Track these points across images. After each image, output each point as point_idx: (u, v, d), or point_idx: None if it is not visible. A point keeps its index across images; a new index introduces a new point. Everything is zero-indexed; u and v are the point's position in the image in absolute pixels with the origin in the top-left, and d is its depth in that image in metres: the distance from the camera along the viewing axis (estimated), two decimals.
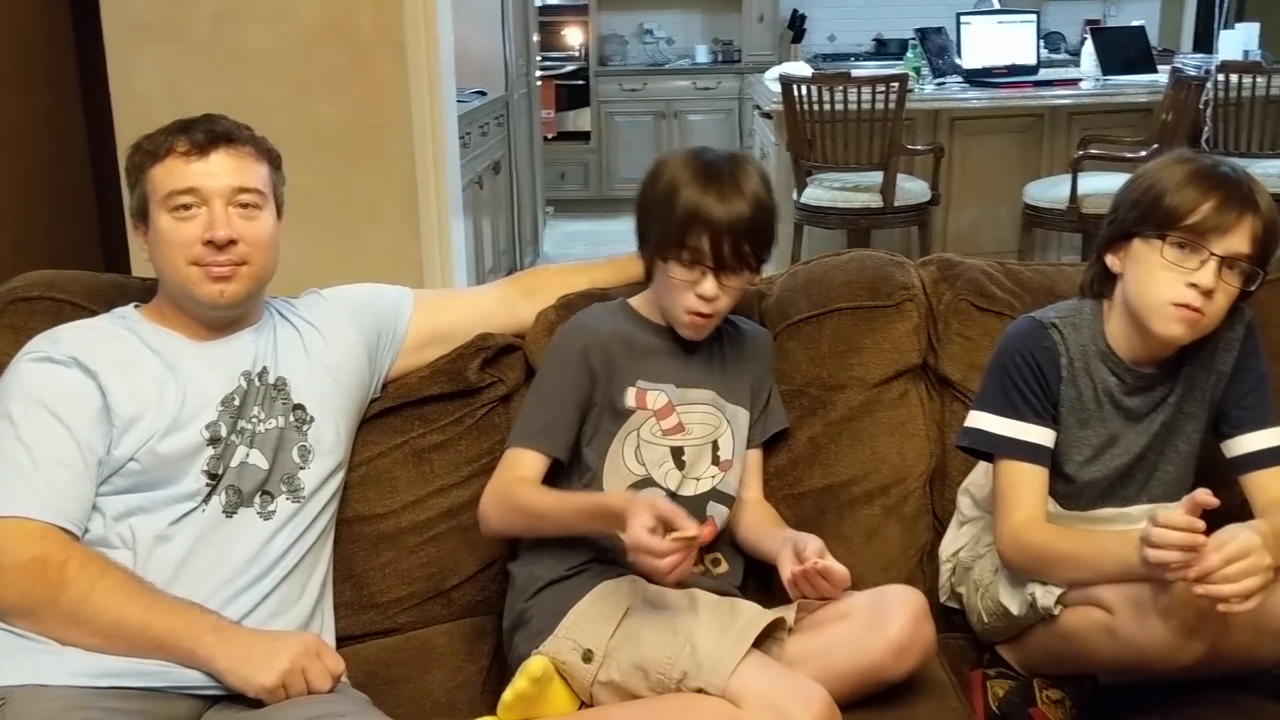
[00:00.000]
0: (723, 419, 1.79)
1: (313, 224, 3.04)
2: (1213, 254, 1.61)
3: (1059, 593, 1.59)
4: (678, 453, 1.75)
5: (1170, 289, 1.62)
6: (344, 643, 1.78)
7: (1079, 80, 5.53)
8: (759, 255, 1.71)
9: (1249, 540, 1.41)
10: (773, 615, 1.59)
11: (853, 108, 4.57)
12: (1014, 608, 1.67)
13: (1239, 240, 1.61)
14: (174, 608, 1.50)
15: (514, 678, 1.54)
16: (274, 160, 1.73)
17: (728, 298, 1.72)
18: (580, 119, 7.89)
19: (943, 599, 1.88)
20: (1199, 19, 7.41)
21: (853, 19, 8.10)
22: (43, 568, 1.48)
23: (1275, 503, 1.64)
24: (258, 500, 1.65)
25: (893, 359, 1.96)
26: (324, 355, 1.77)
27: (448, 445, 1.90)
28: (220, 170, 1.64)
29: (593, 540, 1.69)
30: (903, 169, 4.82)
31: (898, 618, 1.57)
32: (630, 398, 1.74)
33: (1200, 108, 4.62)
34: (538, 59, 6.76)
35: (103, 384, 1.58)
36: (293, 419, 1.71)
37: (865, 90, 4.55)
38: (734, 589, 1.74)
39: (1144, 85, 5.30)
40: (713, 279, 1.68)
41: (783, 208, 5.23)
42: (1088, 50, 5.73)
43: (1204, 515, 1.81)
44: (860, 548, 1.89)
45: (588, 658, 1.56)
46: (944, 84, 5.40)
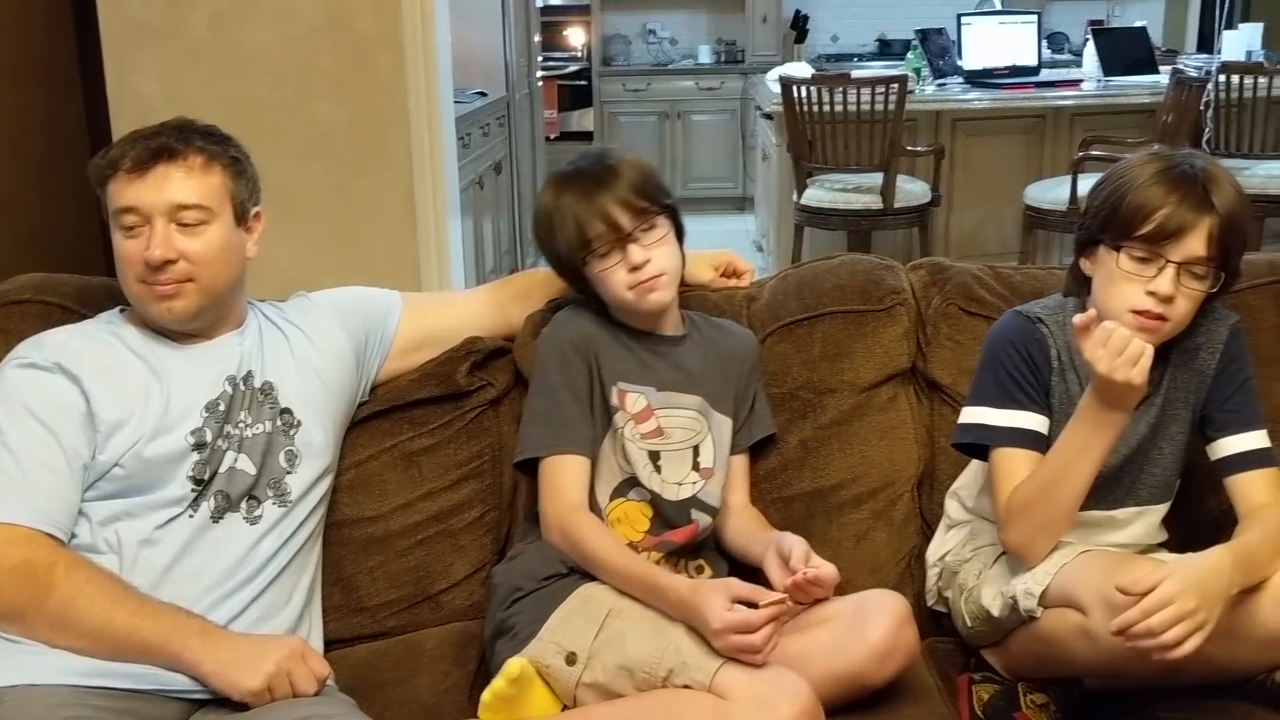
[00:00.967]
0: (705, 426, 1.80)
1: (311, 224, 3.05)
2: (1169, 261, 1.61)
3: (1039, 594, 1.59)
4: (654, 456, 1.76)
5: (1130, 297, 1.63)
6: (332, 646, 1.78)
7: (1081, 81, 5.53)
8: (654, 202, 1.73)
9: (1168, 590, 1.41)
10: None
11: (853, 109, 4.57)
12: (995, 610, 1.67)
13: (1195, 244, 1.61)
14: (160, 612, 1.50)
15: (493, 679, 1.55)
16: (232, 164, 1.68)
17: (661, 254, 1.73)
18: (584, 119, 7.89)
19: (930, 603, 1.88)
20: (1203, 19, 7.40)
21: (856, 19, 8.10)
22: (30, 571, 1.48)
23: (1259, 507, 1.64)
24: (244, 505, 1.65)
25: (883, 363, 1.96)
26: (312, 358, 1.77)
27: (437, 449, 1.90)
28: (159, 187, 1.60)
29: None
30: (903, 170, 4.82)
31: (879, 623, 1.57)
32: (613, 397, 1.76)
33: (1201, 109, 4.62)
34: (539, 59, 6.76)
35: (86, 389, 1.59)
36: (280, 423, 1.71)
37: (865, 91, 4.55)
38: None
39: (1146, 86, 5.30)
40: (634, 246, 1.71)
41: (784, 209, 5.28)
42: (1090, 51, 5.72)
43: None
44: (849, 551, 1.90)
45: (571, 660, 1.56)
46: (945, 85, 5.39)
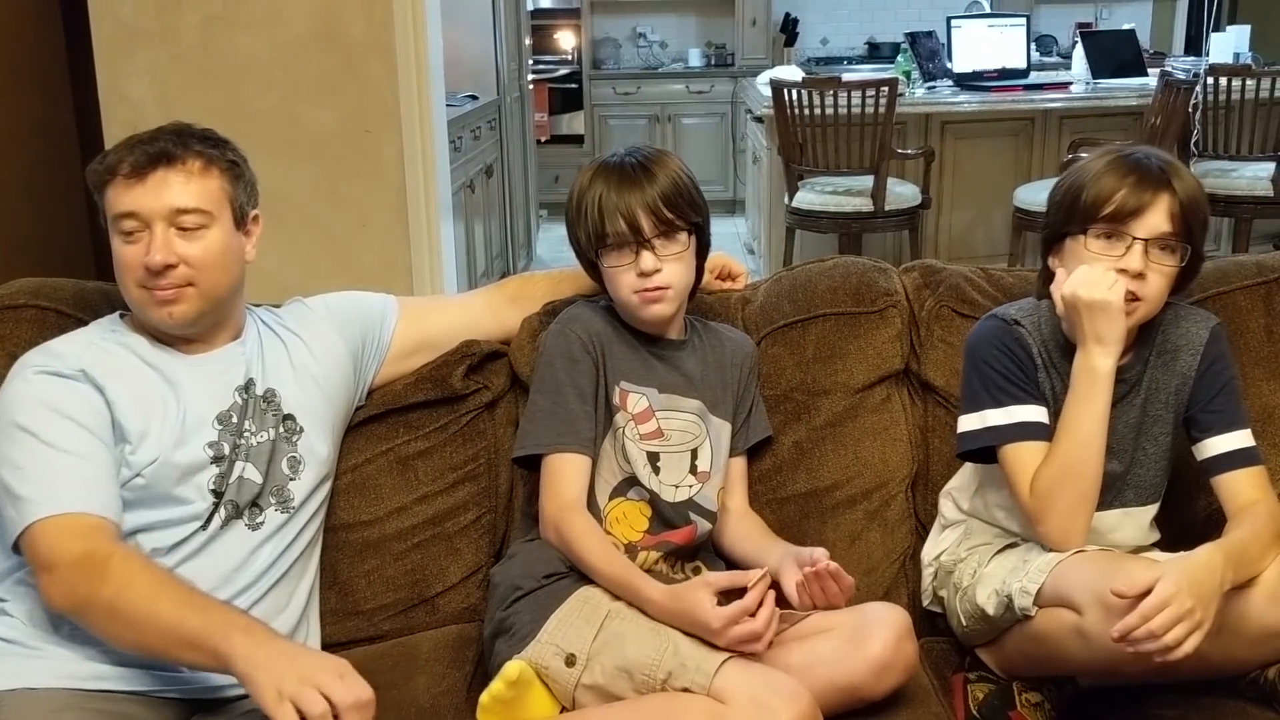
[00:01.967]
0: (704, 430, 1.81)
1: (303, 229, 3.06)
2: (1135, 238, 1.64)
3: (1034, 593, 1.60)
4: (653, 457, 1.76)
5: None
6: (329, 649, 1.77)
7: (1069, 84, 5.55)
8: (681, 215, 1.73)
9: (1164, 591, 1.43)
10: None
11: (843, 112, 4.58)
12: (990, 609, 1.67)
13: (1158, 219, 1.64)
14: (208, 605, 1.46)
15: (492, 681, 1.55)
16: (230, 169, 1.68)
17: (673, 268, 1.73)
18: (574, 122, 7.90)
19: (925, 603, 1.89)
20: (1190, 22, 7.43)
21: (845, 22, 8.13)
22: (90, 562, 1.46)
23: (1247, 506, 1.66)
24: (248, 512, 1.65)
25: (876, 364, 1.97)
26: (310, 365, 1.77)
27: (432, 452, 1.90)
28: (159, 191, 1.59)
29: None
30: (893, 173, 4.83)
31: (879, 636, 1.57)
32: (616, 396, 1.76)
33: (1189, 111, 4.64)
34: (530, 62, 6.77)
35: (110, 399, 1.58)
36: (283, 430, 1.71)
37: (855, 94, 4.56)
38: None
39: (1134, 89, 5.32)
40: (648, 253, 1.71)
41: (774, 212, 5.28)
42: (1078, 54, 5.74)
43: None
44: (843, 552, 1.90)
45: (570, 662, 1.57)
46: (934, 88, 5.41)
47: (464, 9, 5.30)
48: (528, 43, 6.66)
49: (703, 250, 1.82)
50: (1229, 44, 5.58)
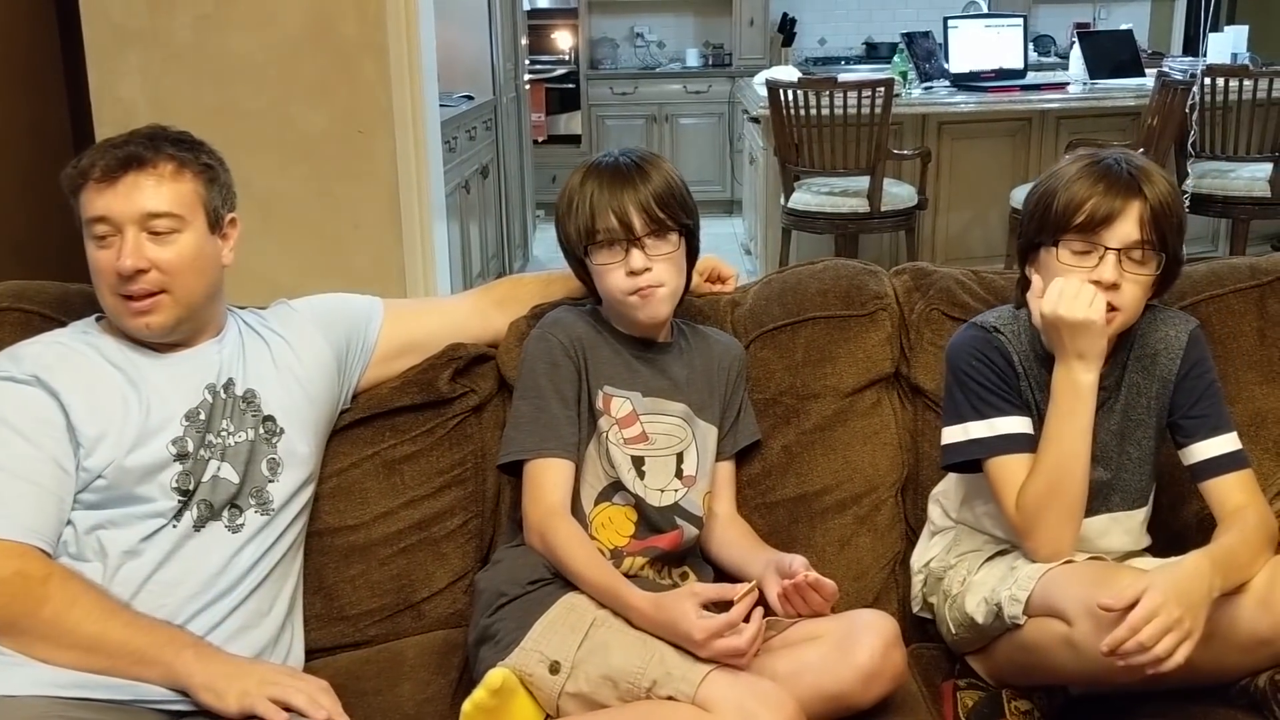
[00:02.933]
0: (690, 434, 1.79)
1: (295, 230, 3.05)
2: (1107, 248, 1.63)
3: (1024, 602, 1.59)
4: (638, 462, 1.75)
5: None
6: (314, 655, 1.78)
7: (1066, 84, 5.54)
8: (673, 216, 1.72)
9: (1152, 602, 1.41)
10: None
11: (839, 113, 4.57)
12: (980, 617, 1.66)
13: (1128, 228, 1.63)
14: (154, 625, 1.51)
15: (475, 689, 1.54)
16: (205, 171, 1.66)
17: (663, 268, 1.72)
18: (571, 122, 7.88)
19: (915, 609, 1.88)
20: (1188, 22, 7.42)
21: (843, 22, 8.12)
22: (24, 582, 1.47)
23: (1235, 510, 1.65)
24: (226, 514, 1.64)
25: (866, 368, 1.96)
26: (293, 366, 1.76)
27: (419, 456, 1.89)
28: (130, 196, 1.58)
29: None
30: (890, 174, 4.83)
31: (867, 645, 1.55)
32: (599, 401, 1.75)
33: (1186, 111, 4.63)
34: (526, 62, 6.75)
35: (65, 403, 1.57)
36: (263, 431, 1.70)
37: (852, 95, 4.55)
38: None
39: (1131, 89, 5.31)
40: (638, 251, 1.70)
41: (771, 212, 5.28)
42: (1076, 54, 5.74)
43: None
44: (833, 557, 1.89)
45: (555, 669, 1.55)
46: (931, 88, 5.40)
47: (459, 9, 5.29)
48: (524, 42, 6.65)
49: (692, 255, 1.81)
50: (1227, 44, 5.56)
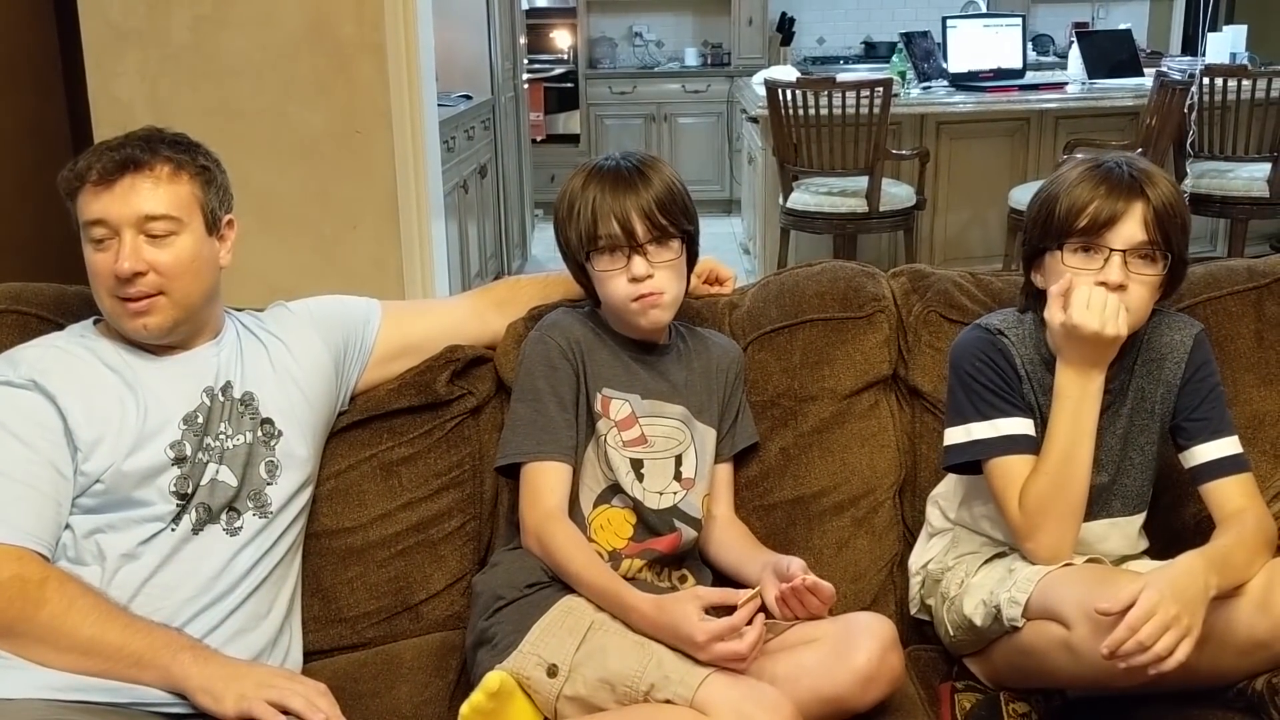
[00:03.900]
0: (688, 436, 1.79)
1: (293, 230, 3.05)
2: (1112, 250, 1.63)
3: (1023, 605, 1.59)
4: (637, 464, 1.75)
5: None
6: (312, 657, 1.78)
7: (1065, 84, 5.54)
8: (675, 223, 1.72)
9: (1148, 602, 1.41)
10: None
11: (838, 112, 4.57)
12: (978, 619, 1.66)
13: (1132, 228, 1.63)
14: (152, 628, 1.51)
15: (472, 692, 1.54)
16: (201, 173, 1.66)
17: (665, 275, 1.72)
18: (570, 122, 7.88)
19: (913, 611, 1.88)
20: (1187, 21, 7.42)
21: (842, 22, 8.12)
22: (22, 585, 1.48)
23: (1235, 513, 1.65)
24: (224, 517, 1.64)
25: (863, 370, 1.96)
26: (291, 369, 1.76)
27: (416, 458, 1.89)
28: (126, 198, 1.58)
29: None
30: (888, 174, 4.83)
31: (865, 648, 1.55)
32: (597, 403, 1.75)
33: (1185, 111, 4.63)
34: (525, 62, 6.75)
35: (62, 407, 1.57)
36: (261, 434, 1.69)
37: (850, 95, 4.55)
38: None
39: (1130, 89, 5.31)
40: (640, 258, 1.70)
41: (770, 212, 5.28)
42: (1074, 54, 5.74)
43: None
44: (830, 559, 1.89)
45: (553, 673, 1.55)
46: (930, 88, 5.40)
47: (458, 8, 5.28)
48: (523, 42, 6.64)
49: (691, 260, 1.81)
50: (1225, 44, 5.57)
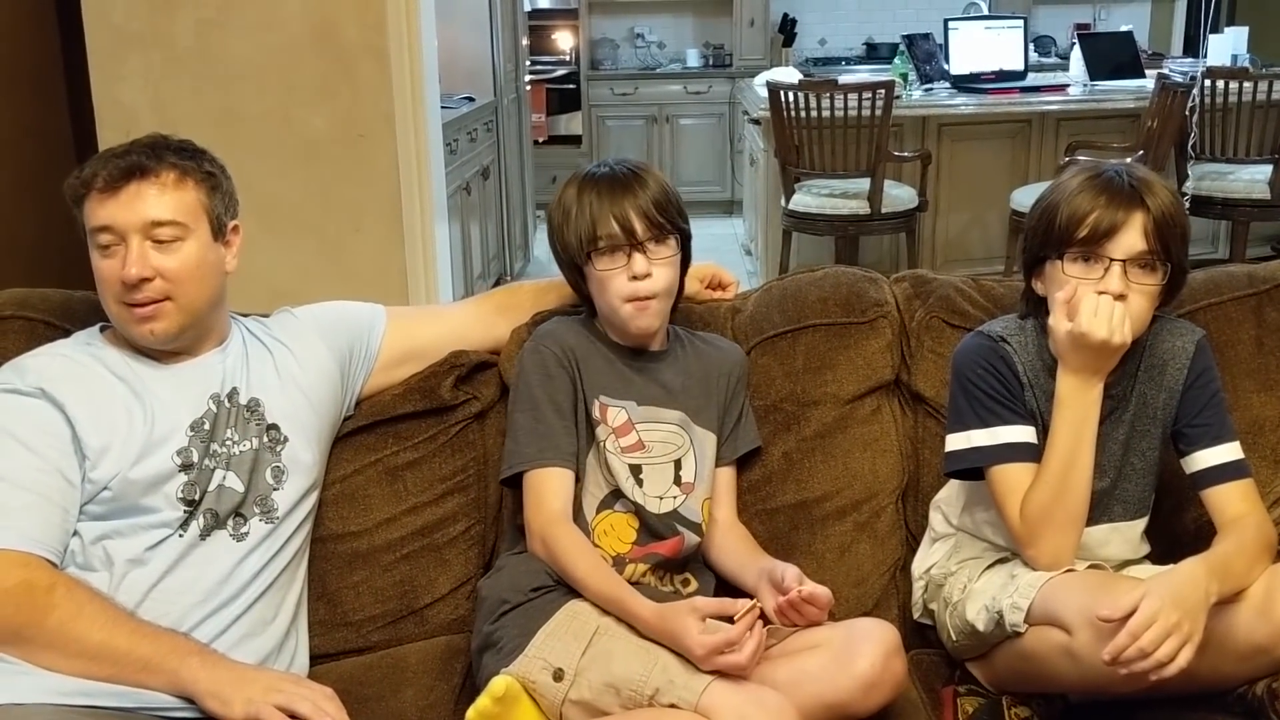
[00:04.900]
0: (687, 440, 1.80)
1: (297, 233, 3.05)
2: (1113, 259, 1.64)
3: (1025, 610, 1.60)
4: (635, 470, 1.76)
5: None
6: (318, 661, 1.79)
7: (1067, 86, 5.55)
8: (671, 221, 1.74)
9: (1150, 608, 1.42)
10: None
11: (839, 114, 4.58)
12: (980, 624, 1.67)
13: (1133, 238, 1.64)
14: (159, 633, 1.52)
15: (478, 696, 1.54)
16: (207, 179, 1.67)
17: (663, 273, 1.74)
18: (572, 123, 7.89)
19: (916, 615, 1.88)
20: (1189, 22, 7.43)
21: (843, 23, 8.13)
22: (30, 591, 1.48)
23: (1235, 519, 1.66)
24: (231, 522, 1.65)
25: (866, 375, 1.97)
26: (296, 375, 1.77)
27: (421, 463, 1.90)
28: (133, 205, 1.59)
29: None
30: (890, 175, 4.84)
31: (867, 655, 1.56)
32: (595, 410, 1.76)
33: (1186, 114, 4.63)
34: (527, 63, 6.76)
35: (70, 415, 1.58)
36: (266, 439, 1.70)
37: (852, 97, 4.56)
38: None
39: (1131, 91, 5.32)
40: (640, 256, 1.72)
41: (771, 213, 5.28)
42: (1076, 56, 5.75)
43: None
44: (833, 564, 1.90)
45: (558, 676, 1.56)
46: (931, 90, 5.41)
47: (460, 10, 5.29)
48: (525, 43, 6.65)
49: (684, 263, 1.83)
50: (1227, 45, 5.57)
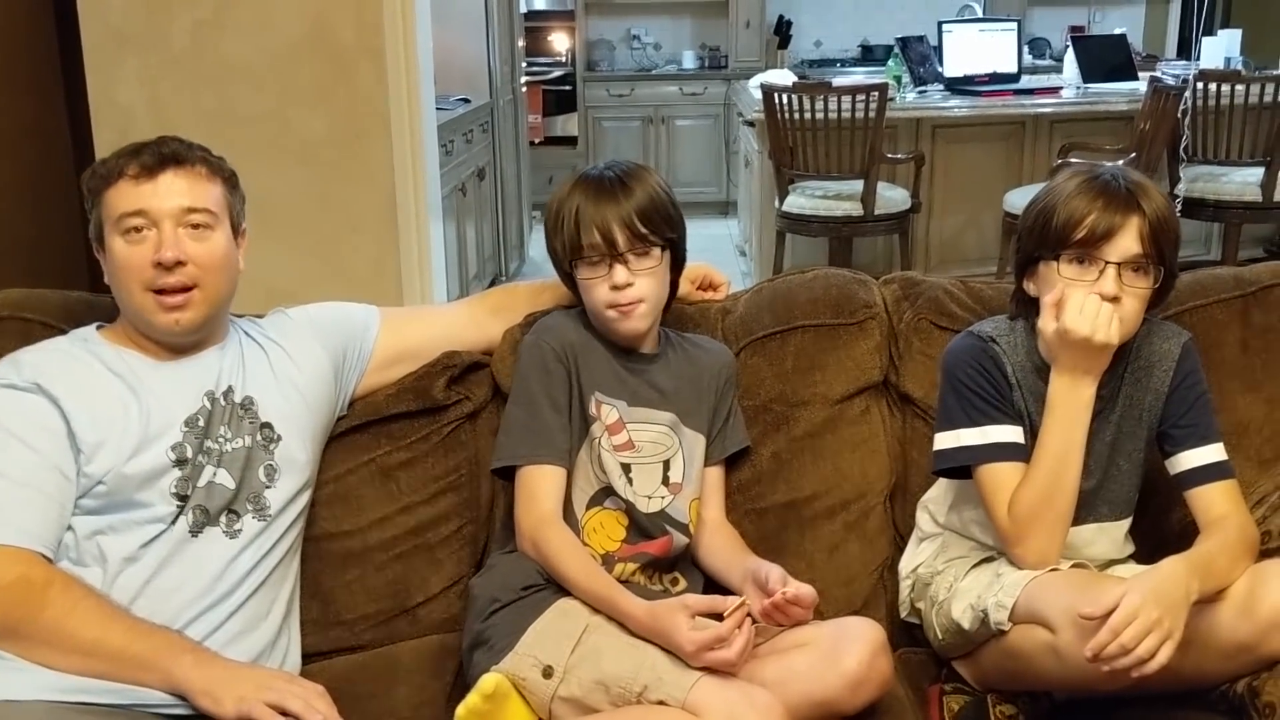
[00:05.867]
0: (676, 442, 1.82)
1: (292, 233, 3.06)
2: (1108, 262, 1.65)
3: (1009, 609, 1.61)
4: (626, 469, 1.78)
5: None
6: (311, 659, 1.80)
7: (1060, 88, 5.57)
8: (656, 231, 1.75)
9: (1130, 605, 1.44)
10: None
11: (834, 116, 4.60)
12: (966, 623, 1.69)
13: (1128, 242, 1.66)
14: (153, 631, 1.53)
15: (468, 694, 1.56)
16: (229, 179, 1.73)
17: (645, 283, 1.75)
18: (568, 124, 7.91)
19: (903, 614, 1.90)
20: (1183, 25, 7.45)
21: (839, 25, 8.14)
22: (26, 588, 1.50)
23: (1219, 519, 1.67)
24: (224, 519, 1.66)
25: (855, 376, 1.98)
26: (291, 374, 1.78)
27: (414, 463, 1.91)
28: (169, 191, 1.64)
29: None
30: (884, 177, 4.85)
31: (854, 653, 1.57)
32: (591, 406, 1.78)
33: (1179, 116, 4.65)
34: (523, 65, 6.77)
35: (66, 410, 1.59)
36: (260, 438, 1.72)
37: (846, 99, 4.58)
38: None
39: (1124, 93, 5.34)
40: (621, 267, 1.73)
41: (766, 215, 5.30)
42: (1069, 58, 5.76)
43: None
44: (822, 563, 1.91)
45: (548, 674, 1.58)
46: (925, 92, 5.43)
47: (456, 12, 5.30)
48: (521, 45, 6.66)
49: (678, 265, 1.84)
50: (1220, 48, 5.59)
